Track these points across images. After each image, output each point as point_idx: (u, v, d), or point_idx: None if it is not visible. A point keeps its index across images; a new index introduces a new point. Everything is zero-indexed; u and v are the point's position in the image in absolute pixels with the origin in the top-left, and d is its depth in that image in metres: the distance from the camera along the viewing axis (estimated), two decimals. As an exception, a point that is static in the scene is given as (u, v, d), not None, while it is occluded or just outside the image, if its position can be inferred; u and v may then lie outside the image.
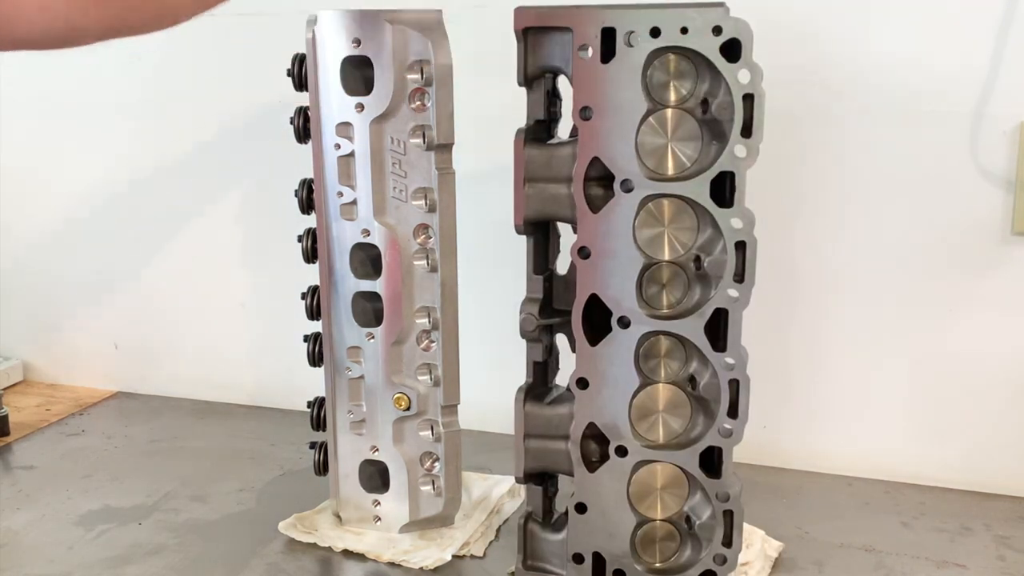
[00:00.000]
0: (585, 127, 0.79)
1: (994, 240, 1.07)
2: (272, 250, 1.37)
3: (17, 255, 1.52)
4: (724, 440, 0.82)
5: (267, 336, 1.41)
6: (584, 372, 0.84)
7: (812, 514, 1.07)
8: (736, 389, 0.81)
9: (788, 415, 1.18)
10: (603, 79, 0.78)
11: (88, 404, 1.44)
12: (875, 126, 1.09)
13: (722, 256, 0.79)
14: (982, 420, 1.12)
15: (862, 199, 1.11)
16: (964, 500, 1.10)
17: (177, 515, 1.08)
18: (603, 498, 0.86)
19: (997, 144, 1.05)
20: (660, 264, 0.81)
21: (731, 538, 0.85)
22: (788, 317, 1.16)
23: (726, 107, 0.76)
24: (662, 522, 0.87)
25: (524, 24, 0.81)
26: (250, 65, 1.30)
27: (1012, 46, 1.03)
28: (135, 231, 1.45)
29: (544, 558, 0.91)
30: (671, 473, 0.85)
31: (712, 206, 0.78)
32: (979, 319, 1.10)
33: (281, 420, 1.35)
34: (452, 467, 0.99)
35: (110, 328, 1.49)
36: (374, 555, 0.98)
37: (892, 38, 1.07)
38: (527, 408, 0.88)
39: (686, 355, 0.83)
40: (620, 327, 0.82)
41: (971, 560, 0.97)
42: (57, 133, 1.44)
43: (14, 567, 0.98)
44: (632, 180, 0.79)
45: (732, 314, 0.80)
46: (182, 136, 1.38)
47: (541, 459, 0.89)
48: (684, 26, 0.75)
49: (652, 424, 0.84)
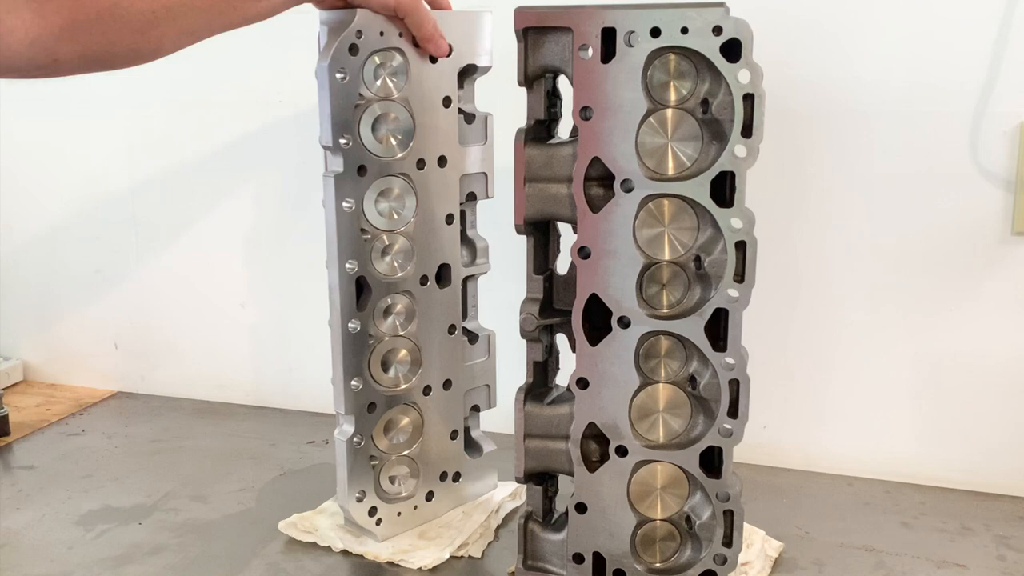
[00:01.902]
0: (585, 127, 0.79)
1: (994, 240, 1.07)
2: (272, 250, 1.37)
3: (17, 255, 1.52)
4: (724, 440, 0.82)
5: (267, 336, 1.41)
6: (584, 372, 0.84)
7: (812, 514, 1.07)
8: (736, 389, 0.81)
9: (788, 415, 1.18)
10: (603, 79, 0.78)
11: (88, 404, 1.44)
12: (875, 126, 1.09)
13: (722, 256, 0.79)
14: (982, 420, 1.12)
15: (862, 199, 1.11)
16: (964, 500, 1.10)
17: (177, 515, 1.08)
18: (603, 498, 0.86)
19: (997, 144, 1.05)
20: (660, 264, 0.81)
21: (731, 538, 0.84)
22: (787, 317, 1.16)
23: (726, 107, 0.76)
24: (662, 522, 0.87)
25: (524, 24, 0.81)
26: (251, 65, 1.30)
27: (1012, 46, 1.03)
28: (135, 231, 1.45)
29: (544, 558, 0.91)
30: (671, 473, 0.85)
31: (712, 206, 0.77)
32: (979, 319, 1.10)
33: (281, 420, 1.35)
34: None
35: (110, 328, 1.50)
36: (373, 555, 0.98)
37: (892, 38, 1.07)
38: (527, 408, 0.88)
39: (686, 355, 0.83)
40: (620, 327, 0.82)
41: (971, 560, 0.97)
42: (57, 133, 1.44)
43: (14, 567, 0.98)
44: (632, 180, 0.79)
45: (732, 314, 0.80)
46: (182, 136, 1.38)
47: (541, 459, 0.89)
48: (684, 26, 0.75)
49: (652, 424, 0.84)
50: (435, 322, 1.00)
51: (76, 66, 0.72)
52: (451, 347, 1.02)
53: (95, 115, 1.41)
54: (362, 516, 0.98)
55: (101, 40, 0.71)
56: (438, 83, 0.95)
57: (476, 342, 1.04)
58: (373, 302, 0.95)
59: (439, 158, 0.97)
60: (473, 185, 1.00)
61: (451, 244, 1.00)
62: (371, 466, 0.98)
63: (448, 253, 0.99)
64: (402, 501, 1.01)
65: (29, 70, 0.70)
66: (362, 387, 0.95)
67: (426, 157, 0.95)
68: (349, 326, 0.93)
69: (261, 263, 1.39)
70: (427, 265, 0.98)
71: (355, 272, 0.93)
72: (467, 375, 1.04)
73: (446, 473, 1.04)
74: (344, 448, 0.96)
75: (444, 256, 0.99)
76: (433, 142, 0.96)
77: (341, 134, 0.89)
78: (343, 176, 0.90)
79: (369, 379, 0.96)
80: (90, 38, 0.70)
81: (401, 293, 0.97)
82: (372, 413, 0.97)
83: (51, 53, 0.69)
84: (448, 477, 1.05)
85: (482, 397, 1.06)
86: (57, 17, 0.68)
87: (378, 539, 0.99)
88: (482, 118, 1.00)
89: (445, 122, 0.96)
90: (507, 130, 0.86)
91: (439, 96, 0.95)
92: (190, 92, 1.36)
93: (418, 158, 0.95)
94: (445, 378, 1.02)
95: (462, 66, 0.96)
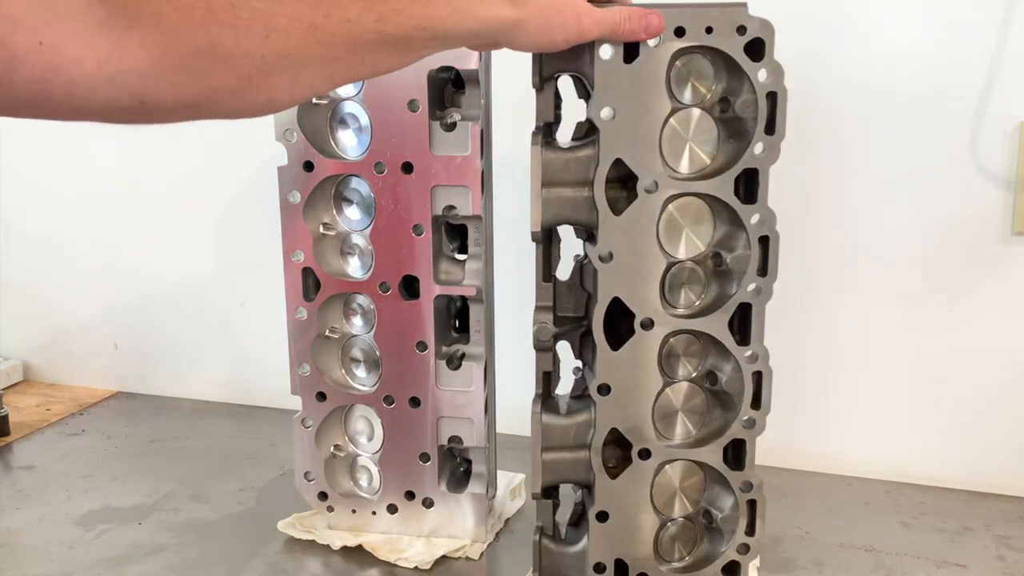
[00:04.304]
0: (607, 128, 0.78)
1: (994, 240, 1.07)
2: (272, 250, 1.37)
3: (17, 255, 1.52)
4: (748, 432, 0.83)
5: (267, 336, 1.41)
6: (606, 378, 0.83)
7: (812, 514, 1.07)
8: (759, 381, 0.82)
9: (788, 416, 1.18)
10: (626, 80, 0.77)
11: (88, 404, 1.44)
12: (875, 126, 1.09)
13: (745, 252, 0.79)
14: (982, 420, 1.12)
15: (862, 199, 1.11)
16: (964, 500, 1.10)
17: (177, 515, 1.08)
18: (626, 504, 0.85)
19: (997, 144, 1.05)
20: (681, 263, 0.81)
21: (755, 527, 0.85)
22: (786, 318, 1.15)
23: (749, 105, 0.76)
24: (681, 519, 0.87)
25: None
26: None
27: (1012, 46, 1.03)
28: (135, 231, 1.45)
29: (560, 572, 0.89)
30: (688, 470, 0.85)
31: (736, 203, 0.78)
32: (979, 319, 1.10)
33: (281, 420, 1.35)
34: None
35: (110, 328, 1.50)
36: (370, 545, 0.99)
37: (892, 38, 1.07)
38: (544, 420, 0.85)
39: (703, 352, 0.83)
40: (643, 329, 0.81)
41: (971, 560, 0.97)
42: (57, 133, 1.44)
43: (14, 567, 0.98)
44: (656, 181, 0.79)
45: (756, 308, 0.81)
46: (182, 136, 1.38)
47: (558, 472, 0.87)
48: (709, 26, 0.75)
49: (672, 423, 0.85)
50: (398, 334, 0.96)
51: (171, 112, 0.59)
52: (420, 365, 0.96)
53: (95, 115, 1.41)
54: (311, 497, 1.02)
55: (200, 83, 0.58)
56: (399, 85, 0.89)
57: (456, 369, 0.97)
58: (323, 295, 0.96)
59: (403, 164, 0.92)
60: (452, 198, 0.92)
61: (419, 256, 0.94)
62: (331, 454, 1.01)
63: (416, 265, 0.94)
64: (360, 500, 1.02)
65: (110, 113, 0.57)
66: (310, 374, 0.98)
67: (385, 161, 0.92)
68: (296, 314, 0.97)
69: (261, 263, 1.39)
70: (387, 272, 0.95)
71: (301, 263, 0.95)
72: (443, 401, 0.97)
73: (413, 494, 1.00)
74: (293, 426, 1.01)
75: (411, 267, 0.94)
76: (394, 146, 0.91)
77: (284, 128, 0.92)
78: (288, 169, 0.93)
79: (318, 369, 0.98)
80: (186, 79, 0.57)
81: (360, 294, 0.97)
82: (323, 402, 0.99)
83: (136, 94, 0.56)
84: (416, 499, 1.00)
85: (464, 430, 0.98)
86: (142, 51, 0.54)
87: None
88: (463, 127, 0.91)
89: (411, 127, 0.91)
90: (499, 137, 0.86)
91: (402, 98, 0.90)
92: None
93: (376, 161, 0.92)
94: (412, 395, 0.97)
95: (432, 69, 0.89)
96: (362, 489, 1.03)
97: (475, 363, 0.97)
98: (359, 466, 1.02)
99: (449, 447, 1.00)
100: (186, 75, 0.57)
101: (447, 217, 0.94)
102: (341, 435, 1.01)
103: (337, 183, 0.95)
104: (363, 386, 0.99)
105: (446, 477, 1.01)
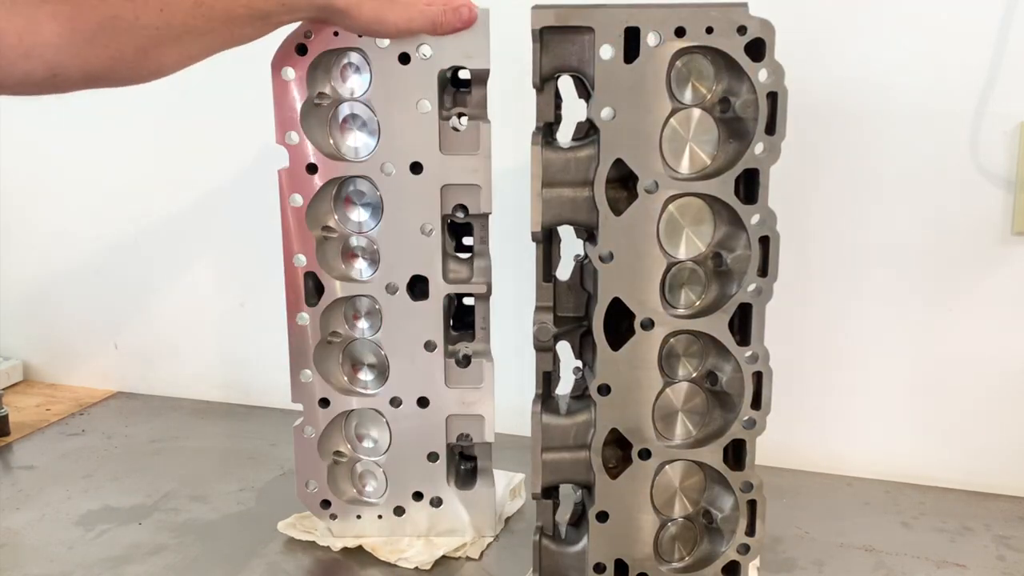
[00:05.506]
0: (608, 128, 0.78)
1: (994, 240, 1.07)
2: (272, 250, 1.37)
3: (17, 255, 1.52)
4: (748, 432, 0.83)
5: (267, 336, 1.41)
6: (606, 378, 0.83)
7: (812, 514, 1.07)
8: (759, 381, 0.82)
9: (788, 416, 1.17)
10: (626, 80, 0.77)
11: (88, 404, 1.44)
12: (875, 126, 1.09)
13: (745, 252, 0.79)
14: (982, 420, 1.12)
15: (862, 199, 1.11)
16: (964, 500, 1.10)
17: (177, 515, 1.08)
18: (626, 504, 0.86)
19: (997, 144, 1.05)
20: (682, 263, 0.81)
21: (755, 527, 0.85)
22: (785, 318, 1.15)
23: (750, 105, 0.76)
24: (681, 520, 0.87)
25: (542, 24, 0.78)
26: (252, 65, 1.30)
27: (1012, 46, 1.03)
28: (135, 231, 1.45)
29: (560, 572, 0.90)
30: (688, 470, 0.85)
31: (736, 203, 0.78)
32: (979, 319, 1.10)
33: (281, 420, 1.35)
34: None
35: (110, 328, 1.50)
36: (370, 546, 0.99)
37: (892, 38, 1.07)
38: (545, 420, 0.86)
39: (703, 352, 0.83)
40: (643, 329, 0.82)
41: (971, 560, 0.97)
42: (58, 134, 1.44)
43: (14, 567, 0.98)
44: (656, 181, 0.79)
45: (756, 308, 0.81)
46: (182, 136, 1.38)
47: (558, 472, 0.87)
48: (709, 26, 0.75)
49: (672, 424, 0.85)
50: (406, 335, 0.95)
51: (78, 82, 0.66)
52: (428, 365, 0.96)
53: (95, 115, 1.41)
54: (314, 506, 1.00)
55: (103, 54, 0.65)
56: (408, 85, 0.89)
57: (466, 367, 0.97)
58: (327, 300, 0.95)
59: (412, 164, 0.91)
60: (461, 197, 0.92)
61: (428, 256, 0.93)
62: (333, 461, 0.99)
63: (425, 265, 0.94)
64: (365, 506, 1.01)
65: (27, 86, 0.64)
66: (313, 380, 0.97)
67: (394, 162, 0.91)
68: (297, 319, 0.95)
69: (261, 263, 1.39)
70: (395, 273, 0.94)
71: (304, 267, 0.94)
72: (452, 399, 0.97)
73: (421, 494, 1.00)
74: (293, 434, 0.99)
75: (419, 268, 0.94)
76: (404, 147, 0.90)
77: (286, 131, 0.91)
78: (291, 172, 0.92)
79: (321, 374, 0.97)
80: (92, 51, 0.64)
81: (365, 297, 0.96)
82: (326, 408, 0.98)
83: (51, 66, 0.63)
84: (424, 499, 1.00)
85: (473, 427, 0.98)
86: (54, 23, 0.61)
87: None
88: (474, 126, 0.91)
89: (421, 127, 0.90)
90: (501, 138, 0.86)
91: (411, 99, 0.89)
92: (191, 93, 1.35)
93: (382, 162, 0.91)
94: (420, 395, 0.97)
95: (444, 68, 0.88)
96: (367, 494, 1.02)
97: (484, 359, 0.97)
98: (362, 470, 1.01)
99: (454, 445, 1.00)
100: (91, 47, 0.64)
101: (453, 216, 0.93)
102: (343, 441, 1.00)
103: (340, 185, 0.94)
104: (367, 389, 0.98)
105: (454, 475, 1.01)
